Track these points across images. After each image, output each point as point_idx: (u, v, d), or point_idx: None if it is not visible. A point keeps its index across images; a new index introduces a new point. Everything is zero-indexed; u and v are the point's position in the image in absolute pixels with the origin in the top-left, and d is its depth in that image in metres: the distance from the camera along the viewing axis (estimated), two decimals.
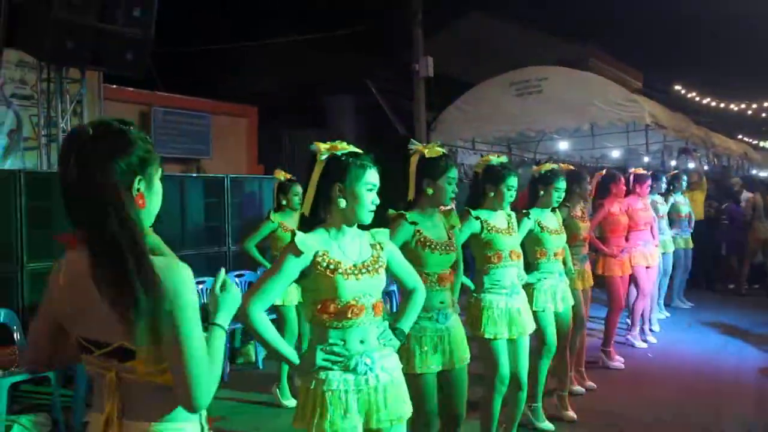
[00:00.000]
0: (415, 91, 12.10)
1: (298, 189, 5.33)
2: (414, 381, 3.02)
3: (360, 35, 12.57)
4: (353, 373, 2.38)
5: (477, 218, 3.76)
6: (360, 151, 2.51)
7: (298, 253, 2.34)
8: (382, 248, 2.54)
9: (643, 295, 6.49)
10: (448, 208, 4.04)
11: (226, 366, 5.97)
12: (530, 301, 4.17)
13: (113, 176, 1.55)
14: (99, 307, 1.52)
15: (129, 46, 6.91)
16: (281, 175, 5.45)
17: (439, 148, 3.29)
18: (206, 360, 1.56)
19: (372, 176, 2.46)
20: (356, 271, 2.40)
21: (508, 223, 3.87)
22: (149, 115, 10.44)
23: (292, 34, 13.30)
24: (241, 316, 2.28)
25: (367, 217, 2.46)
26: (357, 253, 2.46)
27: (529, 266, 4.34)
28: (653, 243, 6.67)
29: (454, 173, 3.28)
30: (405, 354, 3.02)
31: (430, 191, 3.23)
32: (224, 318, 1.73)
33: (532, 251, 4.41)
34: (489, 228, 3.76)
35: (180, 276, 1.56)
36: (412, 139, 3.46)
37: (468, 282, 3.84)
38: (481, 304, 3.72)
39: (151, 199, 1.67)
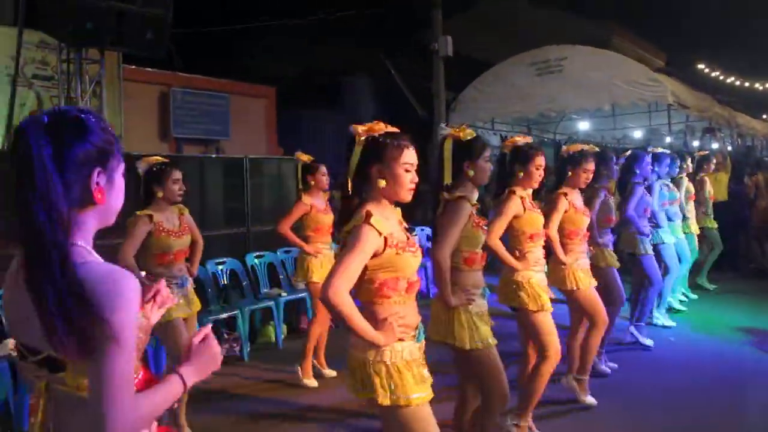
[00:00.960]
0: (434, 71, 12.01)
1: (324, 169, 5.36)
2: (486, 356, 3.18)
3: (379, 16, 12.48)
4: (418, 343, 2.48)
5: (521, 198, 3.81)
6: (397, 131, 2.54)
7: (376, 232, 2.37)
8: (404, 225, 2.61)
9: (674, 272, 6.56)
10: None
11: (246, 345, 6.03)
12: (570, 281, 4.36)
13: (60, 168, 1.41)
14: (32, 311, 1.39)
15: (148, 27, 6.91)
16: (305, 157, 5.45)
17: (470, 130, 3.34)
18: (129, 398, 1.37)
19: (409, 156, 2.48)
20: (413, 249, 2.49)
21: (533, 204, 3.95)
22: (168, 96, 10.47)
23: (311, 15, 13.23)
24: (326, 296, 2.28)
25: (407, 196, 2.50)
26: (401, 232, 2.52)
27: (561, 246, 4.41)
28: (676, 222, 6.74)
29: (489, 152, 3.37)
30: (469, 330, 3.17)
31: (471, 172, 3.29)
32: (190, 372, 1.58)
33: (564, 231, 4.45)
34: (528, 208, 3.83)
35: (117, 289, 1.38)
36: (442, 125, 3.51)
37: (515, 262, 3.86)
38: (528, 280, 3.77)
39: (110, 194, 1.52)
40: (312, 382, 5.17)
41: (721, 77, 19.95)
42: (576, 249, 4.47)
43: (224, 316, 6.06)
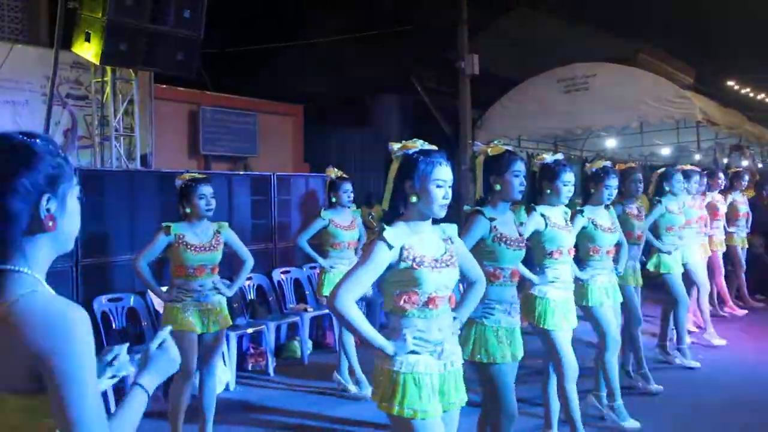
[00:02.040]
0: (461, 89, 12.07)
1: (347, 186, 5.43)
2: (496, 371, 3.20)
3: (405, 34, 12.59)
4: (436, 359, 2.51)
5: (541, 215, 3.84)
6: (433, 148, 2.64)
7: (387, 246, 2.46)
8: (452, 242, 2.67)
9: (705, 289, 6.47)
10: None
11: (272, 360, 6.08)
12: (584, 298, 4.32)
13: (5, 196, 1.34)
14: None
15: (179, 47, 7.08)
16: (332, 173, 5.54)
17: (500, 146, 3.41)
18: (102, 421, 1.30)
19: (442, 172, 2.56)
20: (438, 265, 2.53)
21: (565, 220, 3.98)
22: (198, 114, 10.64)
23: (338, 33, 13.38)
24: (332, 306, 2.42)
25: (440, 212, 2.55)
26: (435, 247, 2.58)
27: (580, 263, 4.39)
28: (701, 240, 6.62)
29: (519, 166, 3.36)
30: (482, 345, 3.19)
31: (497, 187, 3.33)
32: (149, 379, 1.52)
33: (584, 248, 4.42)
34: (551, 224, 3.84)
35: (65, 321, 1.29)
36: (476, 142, 3.57)
37: (532, 276, 3.87)
38: (545, 298, 3.78)
39: (63, 220, 1.45)
40: (354, 388, 5.32)
41: (752, 94, 19.70)
42: (596, 265, 4.43)
43: (251, 330, 6.13)
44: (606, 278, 4.46)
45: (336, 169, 5.58)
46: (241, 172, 9.42)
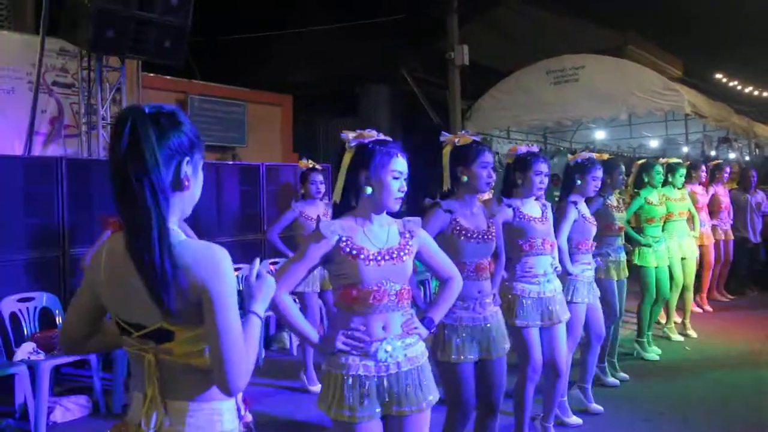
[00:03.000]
0: (450, 79, 12.05)
1: (316, 177, 5.36)
2: (450, 369, 3.10)
3: (395, 24, 12.53)
4: (373, 360, 2.38)
5: (509, 206, 3.75)
6: (388, 138, 2.54)
7: (320, 237, 2.39)
8: (411, 236, 2.54)
9: (676, 286, 6.40)
10: (486, 197, 4.04)
11: (261, 352, 6.06)
12: (569, 293, 4.21)
13: (160, 153, 1.56)
14: (138, 289, 1.54)
15: (167, 35, 7.01)
16: (303, 164, 5.50)
17: (469, 137, 3.30)
18: (242, 345, 1.57)
19: (398, 164, 2.46)
20: (379, 257, 2.41)
21: (542, 212, 3.85)
22: (186, 103, 10.56)
23: (327, 23, 13.31)
24: None
25: (394, 205, 2.47)
26: (383, 240, 2.47)
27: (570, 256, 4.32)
28: (690, 234, 6.61)
29: (486, 158, 3.25)
30: (441, 343, 3.10)
31: (464, 178, 3.22)
32: (260, 306, 1.75)
33: (573, 241, 4.37)
34: (521, 216, 3.75)
35: (216, 259, 1.57)
36: (443, 131, 3.46)
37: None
38: (512, 292, 3.73)
39: (195, 183, 1.67)
40: (317, 388, 5.22)
41: (740, 87, 19.79)
42: (582, 259, 4.39)
43: None
44: (590, 273, 4.43)
45: (309, 161, 5.54)
46: (230, 162, 9.37)
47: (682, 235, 6.44)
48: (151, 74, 9.66)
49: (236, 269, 6.47)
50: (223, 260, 1.57)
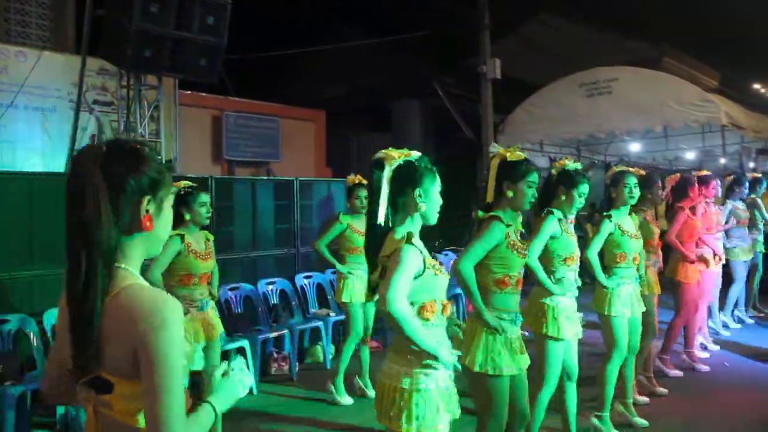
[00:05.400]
0: (482, 93, 12.05)
1: (362, 192, 5.41)
2: (492, 382, 3.11)
3: (426, 38, 12.59)
4: (449, 371, 2.48)
5: (558, 219, 3.79)
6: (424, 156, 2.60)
7: (417, 253, 2.41)
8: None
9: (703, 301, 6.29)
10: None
11: (294, 365, 6.11)
12: (606, 306, 4.22)
13: (117, 197, 1.49)
14: None
15: (203, 53, 7.15)
16: (350, 179, 5.57)
17: (520, 153, 3.31)
18: (183, 413, 1.42)
19: (439, 180, 2.57)
20: (441, 271, 2.50)
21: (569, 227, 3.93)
22: (221, 120, 10.73)
23: (359, 38, 13.43)
24: (394, 309, 2.32)
25: (436, 219, 2.56)
26: (430, 255, 2.52)
27: (606, 270, 4.32)
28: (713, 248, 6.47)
29: (534, 177, 3.28)
30: (489, 353, 3.10)
31: (510, 194, 3.24)
32: (218, 400, 1.59)
33: (611, 255, 4.36)
34: (565, 231, 3.81)
35: (160, 312, 1.43)
36: (494, 143, 3.46)
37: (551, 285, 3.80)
38: (558, 306, 3.71)
39: (159, 223, 1.58)
40: (346, 400, 5.27)
41: None
42: (622, 273, 4.35)
43: (274, 335, 6.16)
44: (631, 287, 4.39)
45: (356, 176, 5.59)
46: (264, 177, 9.49)
47: (706, 249, 6.21)
48: (188, 92, 9.85)
49: (270, 282, 6.58)
50: (169, 313, 1.43)
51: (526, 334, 3.43)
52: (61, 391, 1.67)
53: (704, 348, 6.35)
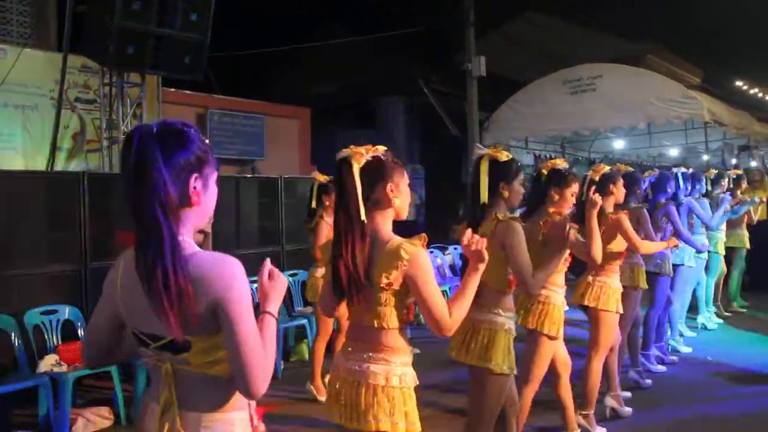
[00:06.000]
0: (468, 90, 12.07)
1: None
2: (505, 381, 3.14)
3: (412, 37, 12.59)
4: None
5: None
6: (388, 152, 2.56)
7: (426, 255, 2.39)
8: None
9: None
10: None
11: (279, 364, 6.08)
12: (612, 302, 4.35)
13: (167, 171, 1.59)
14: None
15: (186, 50, 7.10)
16: (322, 177, 5.52)
17: (506, 152, 3.32)
18: (261, 351, 1.60)
19: (407, 175, 2.52)
20: None
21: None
22: (205, 117, 10.68)
23: (344, 36, 13.40)
24: (449, 329, 2.31)
25: (406, 214, 2.51)
26: None
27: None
28: None
29: (523, 175, 3.35)
30: (502, 352, 3.10)
31: (506, 194, 3.25)
32: (273, 306, 1.76)
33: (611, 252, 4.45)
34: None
35: (229, 270, 1.60)
36: (478, 144, 3.46)
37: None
38: (557, 305, 3.75)
39: (205, 198, 1.70)
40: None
41: (760, 94, 19.59)
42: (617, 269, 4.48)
43: None
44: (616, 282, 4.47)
45: (322, 174, 5.57)
46: (249, 175, 9.45)
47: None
48: (172, 89, 9.78)
49: (254, 281, 6.54)
50: (236, 270, 1.61)
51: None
52: (107, 360, 1.92)
53: (661, 361, 6.05)
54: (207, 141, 1.72)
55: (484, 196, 3.24)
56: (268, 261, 1.83)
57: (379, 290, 2.30)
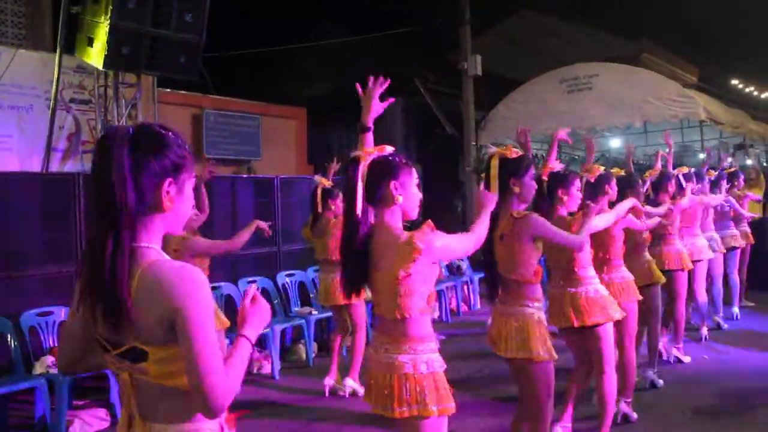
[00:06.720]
0: (464, 90, 12.07)
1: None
2: (549, 366, 3.23)
3: (408, 36, 12.59)
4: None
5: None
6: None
7: None
8: None
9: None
10: None
11: (277, 363, 6.06)
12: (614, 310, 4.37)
13: (139, 176, 1.57)
14: None
15: (182, 51, 7.08)
16: (326, 182, 5.54)
17: (515, 149, 3.42)
18: (220, 365, 1.54)
19: (416, 175, 2.61)
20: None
21: None
22: (201, 118, 10.65)
23: (340, 36, 13.39)
24: None
25: (416, 213, 2.58)
26: None
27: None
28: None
29: (533, 171, 3.42)
30: (540, 340, 3.19)
31: (517, 189, 3.31)
32: (250, 331, 1.73)
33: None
34: None
35: (189, 280, 1.54)
36: (488, 145, 3.54)
37: None
38: (586, 296, 3.84)
39: (179, 203, 1.66)
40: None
41: (756, 92, 19.65)
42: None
43: None
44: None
45: (325, 178, 5.61)
46: (245, 175, 9.42)
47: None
48: (167, 90, 9.76)
49: (251, 281, 6.53)
50: (196, 280, 1.55)
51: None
52: (79, 368, 1.84)
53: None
54: (187, 146, 1.68)
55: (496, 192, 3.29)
56: (253, 287, 1.82)
57: (398, 283, 2.40)
